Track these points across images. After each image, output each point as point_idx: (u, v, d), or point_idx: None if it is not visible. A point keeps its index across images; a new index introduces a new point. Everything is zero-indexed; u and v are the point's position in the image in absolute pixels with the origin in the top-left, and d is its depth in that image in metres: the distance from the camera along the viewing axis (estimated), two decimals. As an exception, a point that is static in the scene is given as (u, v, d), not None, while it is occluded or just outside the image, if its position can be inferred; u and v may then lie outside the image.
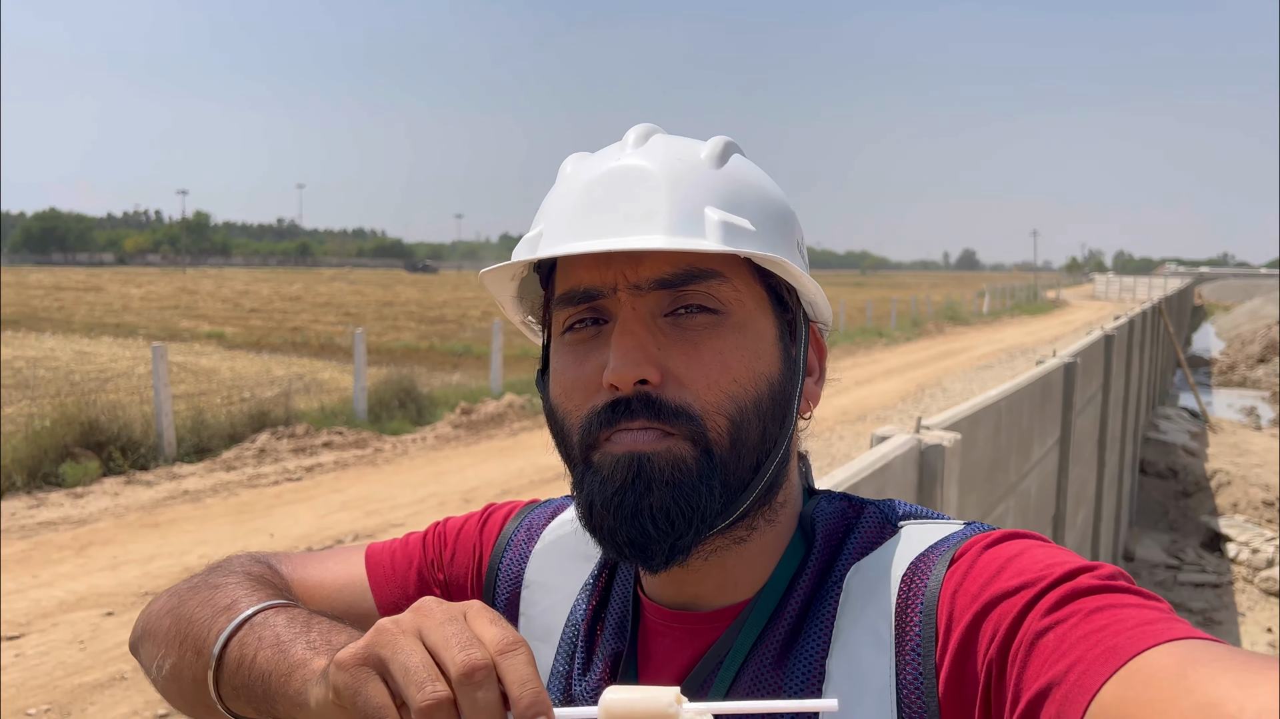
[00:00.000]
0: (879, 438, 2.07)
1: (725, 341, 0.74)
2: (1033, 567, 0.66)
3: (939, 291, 58.30)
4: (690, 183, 0.75)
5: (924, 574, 0.71)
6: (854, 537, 0.78)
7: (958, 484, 2.21)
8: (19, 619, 5.79)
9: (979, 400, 2.69)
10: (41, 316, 28.79)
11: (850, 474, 1.68)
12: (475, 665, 0.56)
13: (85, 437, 9.65)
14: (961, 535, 0.74)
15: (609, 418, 0.73)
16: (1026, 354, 24.65)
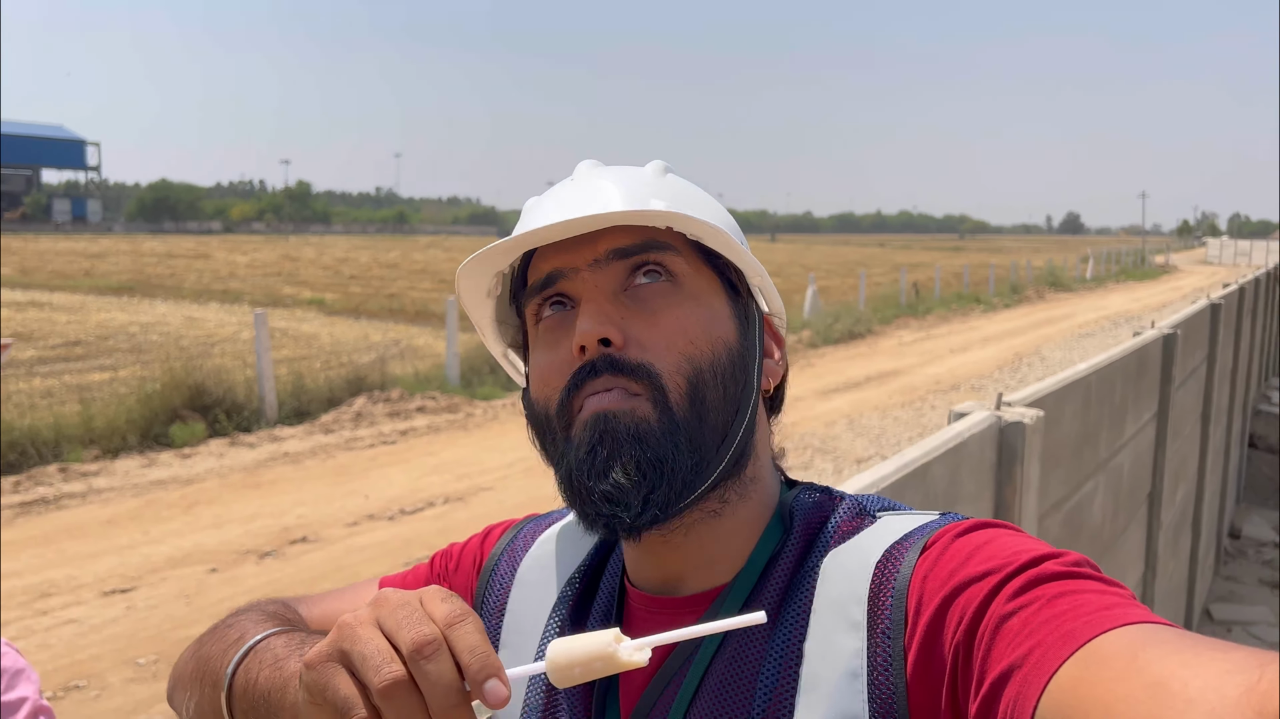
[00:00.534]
0: (957, 414, 2.03)
1: (681, 309, 0.80)
2: (1000, 553, 0.68)
3: (1040, 256, 56.50)
4: (641, 183, 0.84)
5: (897, 560, 0.74)
6: (831, 524, 0.81)
7: (1040, 462, 2.15)
8: (131, 573, 6.10)
9: (1066, 375, 2.60)
10: (154, 283, 30.02)
11: (922, 452, 1.65)
12: (424, 640, 0.58)
13: (193, 400, 10.07)
14: (934, 524, 0.76)
15: (577, 382, 0.77)
16: (1131, 322, 23.78)
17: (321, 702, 0.61)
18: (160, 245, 59.99)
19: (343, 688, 0.59)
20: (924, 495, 1.63)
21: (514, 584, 0.94)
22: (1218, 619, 6.66)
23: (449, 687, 0.57)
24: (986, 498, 1.99)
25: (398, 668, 0.58)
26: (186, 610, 5.53)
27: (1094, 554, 3.00)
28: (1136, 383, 3.50)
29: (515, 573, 0.94)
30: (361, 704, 0.59)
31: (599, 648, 0.62)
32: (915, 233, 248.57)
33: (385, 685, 0.57)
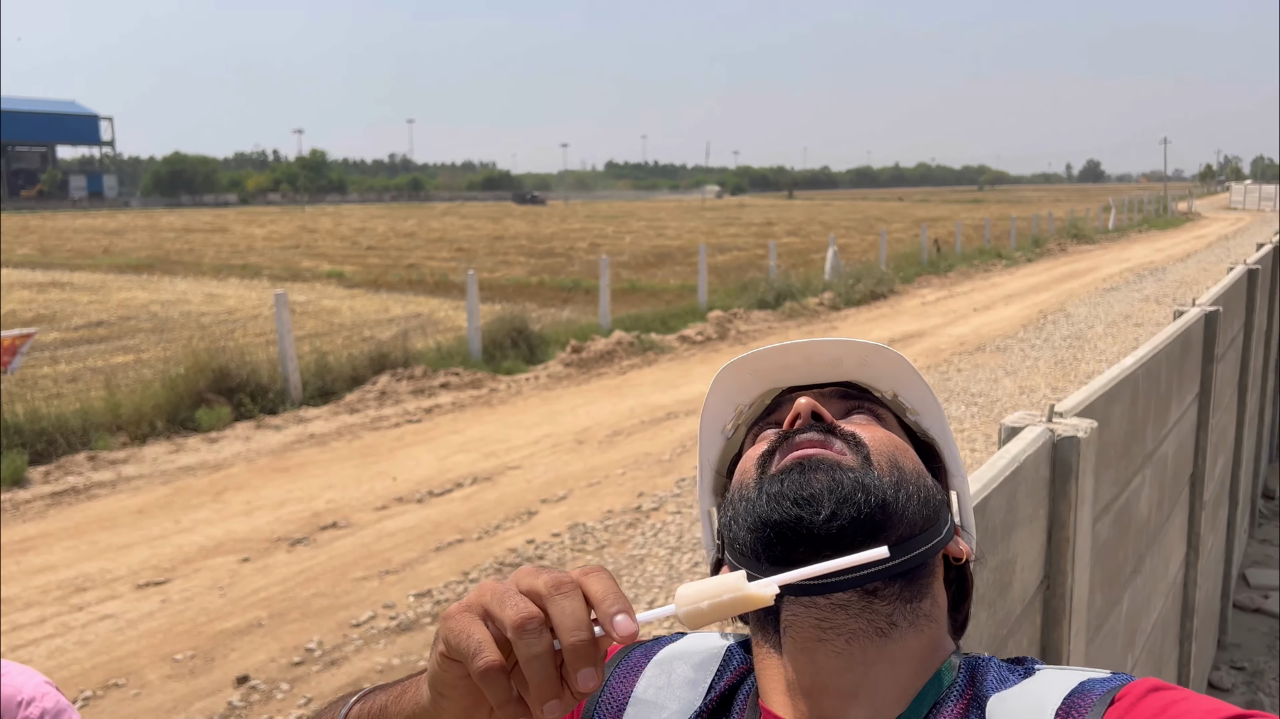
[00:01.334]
0: (1009, 430, 1.96)
1: (883, 425, 0.87)
2: (1194, 710, 0.67)
3: (1061, 206, 55.79)
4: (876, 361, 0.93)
5: (1080, 711, 0.72)
6: (990, 669, 0.80)
7: (1093, 473, 2.09)
8: (164, 564, 6.14)
9: (1114, 373, 2.52)
10: (174, 259, 30.13)
11: (980, 485, 1.59)
12: (561, 580, 0.63)
13: (217, 382, 10.10)
14: (1119, 681, 0.75)
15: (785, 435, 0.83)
16: (1155, 274, 23.49)
17: (455, 648, 0.63)
18: (177, 219, 60.15)
19: (477, 633, 0.63)
20: (984, 530, 1.57)
21: (630, 703, 0.89)
22: (1254, 585, 6.60)
23: (580, 619, 0.61)
24: (1041, 517, 1.93)
25: (533, 607, 0.62)
26: (221, 603, 5.56)
27: (1140, 548, 2.94)
28: (1180, 367, 3.42)
29: (630, 693, 0.89)
30: (494, 649, 0.62)
31: (729, 583, 0.64)
32: (934, 185, 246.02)
33: (520, 618, 0.61)
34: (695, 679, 0.88)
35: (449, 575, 5.88)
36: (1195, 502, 3.93)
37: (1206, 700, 0.69)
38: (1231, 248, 29.90)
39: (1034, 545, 1.89)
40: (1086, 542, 2.09)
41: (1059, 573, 1.97)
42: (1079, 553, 2.03)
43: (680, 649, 0.91)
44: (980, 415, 9.77)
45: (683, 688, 0.87)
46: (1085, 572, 2.09)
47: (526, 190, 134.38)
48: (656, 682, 0.89)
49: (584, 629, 0.60)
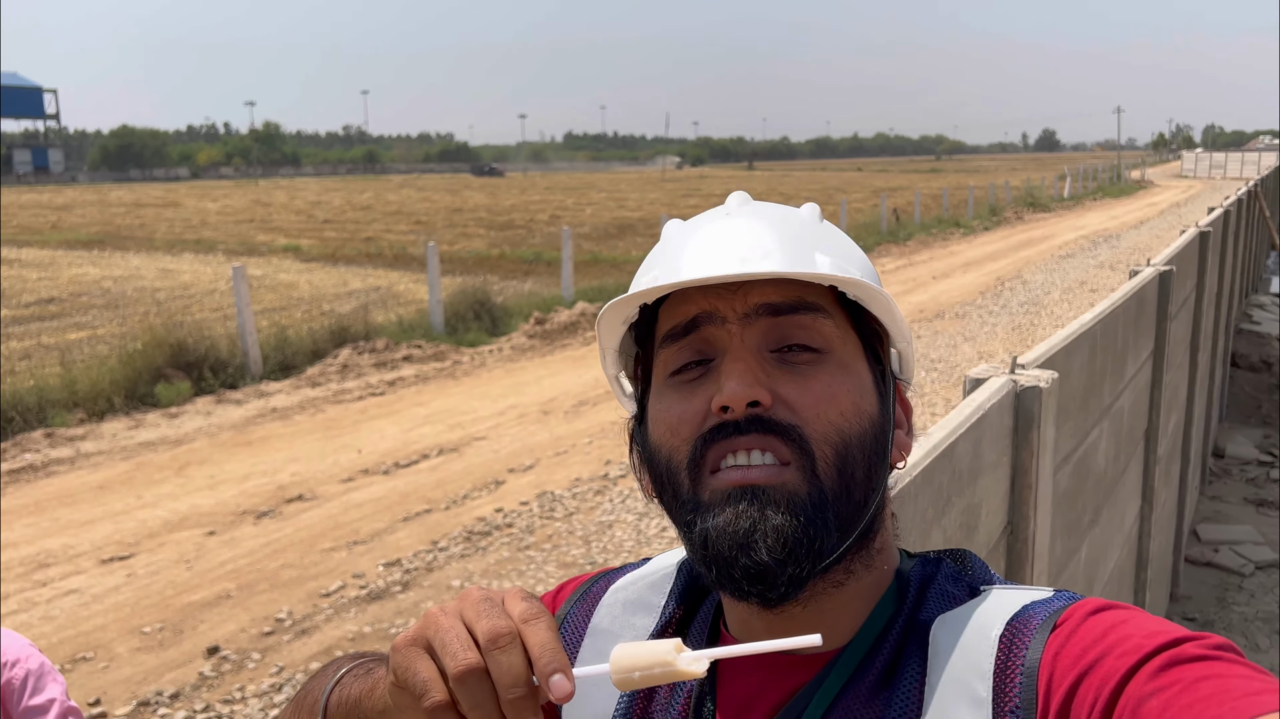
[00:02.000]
0: (973, 382, 2.01)
1: (832, 377, 0.76)
2: (1137, 633, 0.66)
3: (1017, 175, 56.39)
4: (798, 232, 0.80)
5: (1024, 636, 0.71)
6: (934, 590, 0.79)
7: (1054, 423, 2.16)
8: (128, 539, 6.09)
9: (1074, 328, 2.59)
10: (125, 235, 29.55)
11: (948, 431, 1.64)
12: (498, 632, 0.63)
13: (175, 357, 9.98)
14: (1059, 601, 0.74)
15: (714, 435, 0.74)
16: (1110, 241, 23.85)
17: (404, 683, 0.66)
18: (127, 194, 58.93)
19: (423, 671, 0.64)
20: (952, 474, 1.62)
21: (587, 634, 0.91)
22: (1204, 539, 6.79)
23: (517, 677, 0.62)
24: (1004, 464, 1.99)
25: (473, 656, 0.63)
26: (188, 576, 5.53)
27: (1098, 499, 3.03)
28: (1136, 324, 3.51)
29: (589, 623, 0.92)
30: (440, 688, 0.63)
31: (660, 655, 0.64)
32: (892, 155, 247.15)
33: (460, 671, 0.62)
34: (650, 603, 0.90)
35: (418, 545, 5.90)
36: (1150, 456, 4.04)
37: (1151, 622, 0.68)
38: (1184, 215, 30.40)
39: (998, 491, 1.95)
40: (1048, 489, 2.16)
41: (1022, 518, 2.04)
42: (1040, 499, 2.09)
43: (638, 574, 0.93)
44: (940, 380, 9.92)
45: (638, 613, 0.90)
46: (1046, 518, 2.16)
47: (484, 162, 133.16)
48: (613, 610, 0.91)
49: (521, 686, 0.62)
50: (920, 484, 1.47)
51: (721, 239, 0.78)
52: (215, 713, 4.22)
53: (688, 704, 0.82)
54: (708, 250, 0.78)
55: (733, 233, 0.79)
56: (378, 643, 4.75)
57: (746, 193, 0.86)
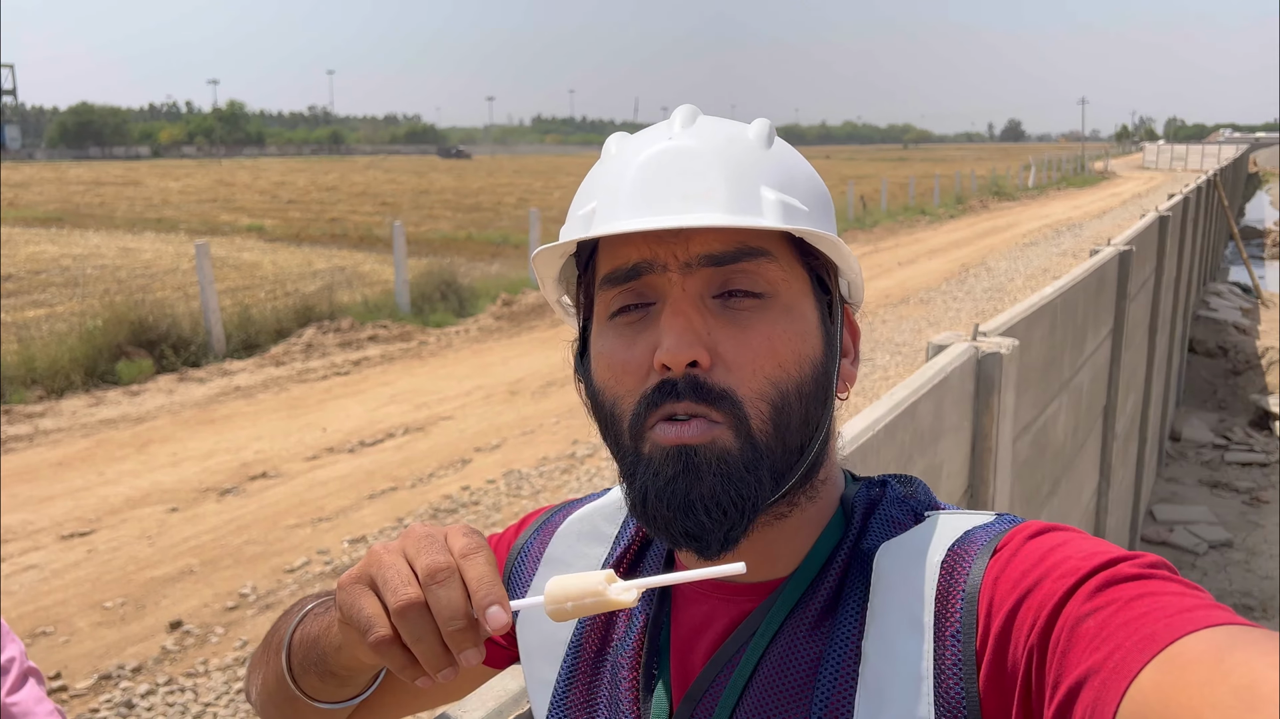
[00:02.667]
0: (935, 347, 2.05)
1: (773, 326, 0.75)
2: (1074, 555, 0.67)
3: (983, 165, 56.81)
4: (744, 162, 0.76)
5: (965, 562, 0.72)
6: (879, 516, 0.80)
7: (1014, 389, 2.20)
8: (89, 515, 6.02)
9: (1035, 300, 2.64)
10: (84, 213, 29.05)
11: (910, 391, 1.67)
12: (437, 566, 0.65)
13: (137, 335, 9.85)
14: (999, 525, 0.75)
15: (656, 399, 0.74)
16: (1073, 230, 24.13)
17: (349, 619, 0.68)
18: (87, 172, 57.90)
19: (367, 607, 0.67)
20: (914, 433, 1.65)
21: (541, 562, 0.93)
22: (1160, 519, 6.93)
23: (455, 610, 0.64)
24: (966, 428, 2.03)
25: (413, 590, 0.65)
26: (150, 551, 5.48)
27: (1056, 471, 3.08)
28: (1096, 301, 3.57)
29: (544, 552, 0.93)
30: (383, 623, 0.66)
31: (591, 586, 0.66)
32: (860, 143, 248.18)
33: (400, 605, 0.65)
34: (603, 533, 0.91)
35: (383, 522, 5.88)
36: (1108, 433, 4.12)
37: (1089, 543, 0.69)
38: (1145, 205, 30.80)
39: (959, 454, 1.99)
40: (1007, 456, 2.20)
41: (981, 482, 2.08)
42: (1000, 465, 2.13)
43: (595, 505, 0.95)
44: (904, 364, 10.01)
45: (591, 543, 0.91)
46: (1006, 484, 2.20)
47: (452, 144, 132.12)
48: (568, 540, 0.93)
49: (460, 618, 0.64)
50: (883, 439, 1.50)
51: (663, 173, 0.74)
52: (178, 686, 4.19)
53: (644, 630, 0.83)
54: (648, 189, 0.74)
55: (675, 164, 0.75)
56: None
57: (695, 106, 0.81)
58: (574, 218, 0.79)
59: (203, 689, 4.17)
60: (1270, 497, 7.45)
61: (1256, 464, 8.10)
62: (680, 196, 0.73)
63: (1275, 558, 6.37)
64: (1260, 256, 22.47)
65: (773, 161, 0.78)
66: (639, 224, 0.72)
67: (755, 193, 0.74)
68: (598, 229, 0.74)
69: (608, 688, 0.83)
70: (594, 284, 0.80)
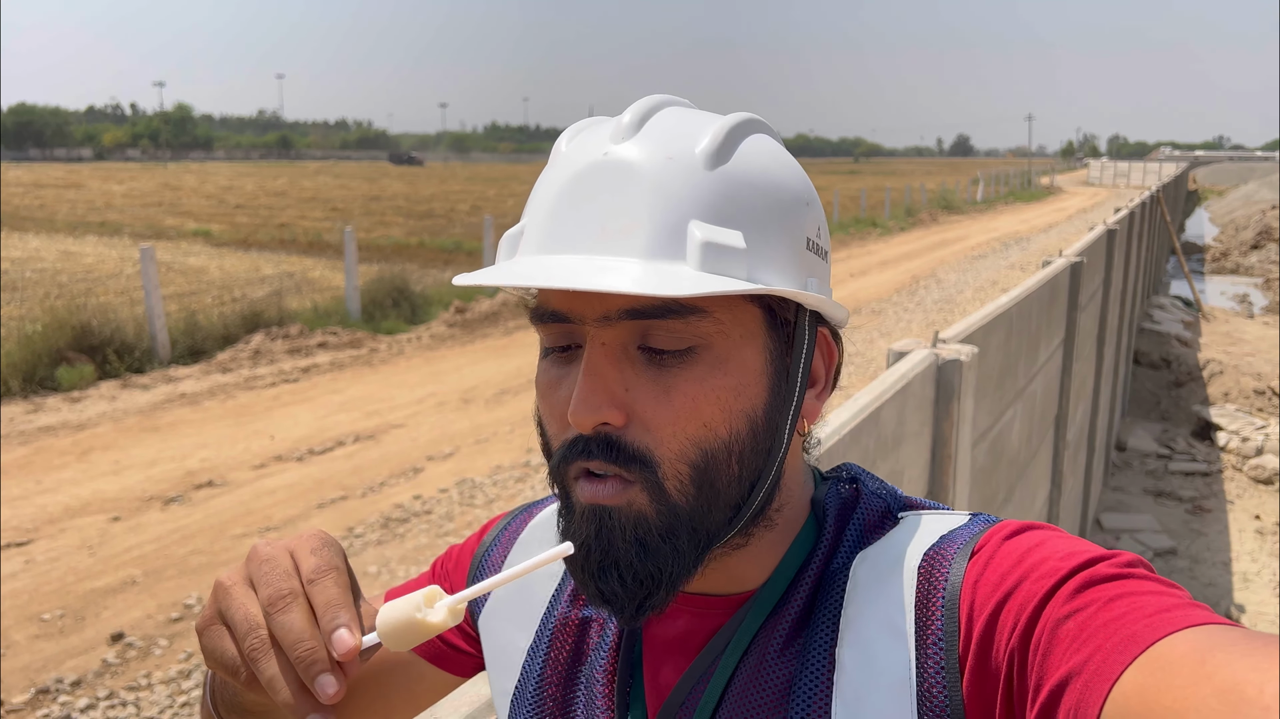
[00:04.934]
0: (896, 354, 2.05)
1: (699, 384, 0.69)
2: (1052, 555, 0.66)
3: (933, 179, 57.66)
4: (679, 187, 0.67)
5: (943, 566, 0.70)
6: (854, 523, 0.77)
7: (973, 396, 2.20)
8: (26, 525, 5.85)
9: (992, 308, 2.66)
10: (24, 215, 28.34)
11: (873, 396, 1.66)
12: (277, 594, 0.63)
13: (78, 340, 9.61)
14: (976, 527, 0.73)
15: (569, 454, 0.70)
16: (1020, 243, 24.56)
17: (215, 667, 0.66)
18: (26, 174, 56.56)
19: (228, 651, 0.65)
20: (877, 438, 1.65)
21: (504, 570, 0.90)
22: (1107, 528, 7.04)
23: (298, 635, 0.62)
24: (926, 434, 2.03)
25: (260, 635, 0.63)
26: (91, 562, 5.33)
27: (1011, 478, 3.11)
28: (1049, 311, 3.61)
29: (505, 559, 0.91)
30: (243, 666, 0.64)
31: (407, 614, 0.62)
32: (812, 156, 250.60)
33: (251, 653, 0.63)
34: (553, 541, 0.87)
35: (334, 531, 5.78)
36: (1059, 442, 4.17)
37: (1067, 542, 0.68)
38: (1090, 219, 31.43)
39: (920, 460, 1.99)
40: (966, 462, 2.21)
41: (941, 488, 2.08)
42: (959, 471, 2.14)
43: (553, 509, 0.91)
44: (857, 374, 10.09)
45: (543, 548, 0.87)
46: (965, 490, 2.21)
47: (404, 151, 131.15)
48: (527, 547, 0.90)
49: (305, 641, 0.61)
50: (848, 444, 1.49)
51: (589, 195, 0.68)
52: (119, 700, 4.07)
53: (617, 644, 0.80)
54: (567, 215, 0.68)
55: (603, 185, 0.68)
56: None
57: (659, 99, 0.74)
58: (507, 236, 0.73)
59: (145, 703, 4.06)
60: (1212, 505, 7.62)
61: (1199, 474, 8.27)
62: (598, 230, 0.67)
63: (1218, 565, 6.51)
64: (1200, 271, 23.04)
65: (717, 183, 0.68)
66: (544, 277, 0.65)
67: (682, 231, 0.66)
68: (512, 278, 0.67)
69: (583, 701, 0.81)
70: None
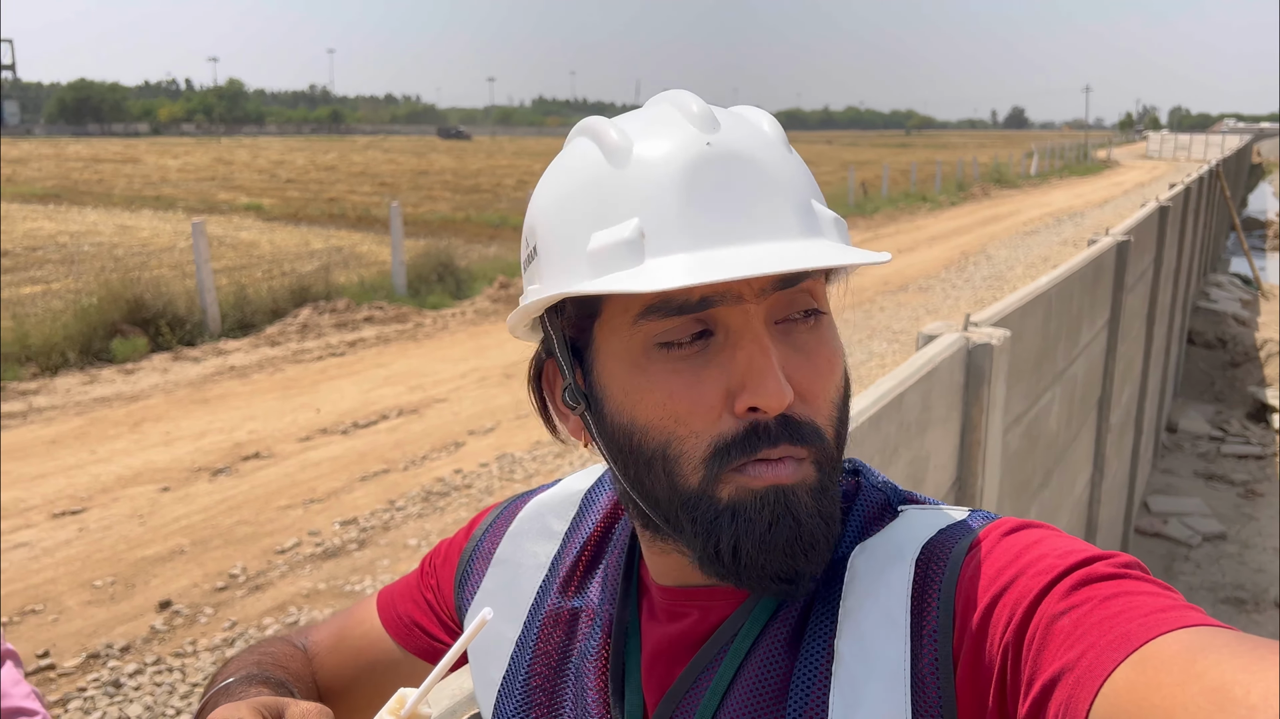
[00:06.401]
0: (925, 337, 2.02)
1: (828, 345, 0.72)
2: (1050, 553, 0.66)
3: (986, 152, 56.66)
4: (787, 170, 0.70)
5: (940, 560, 0.71)
6: (854, 515, 0.77)
7: (1005, 381, 2.17)
8: (80, 494, 6.01)
9: (1029, 290, 2.61)
10: (82, 190, 28.94)
11: (897, 381, 1.65)
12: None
13: (132, 313, 9.81)
14: (978, 524, 0.74)
15: (749, 445, 0.68)
16: (1074, 219, 24.08)
17: None
18: (85, 149, 57.68)
19: None
20: (899, 424, 1.63)
21: (492, 563, 0.90)
22: (1154, 511, 6.92)
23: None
24: (955, 419, 2.00)
25: None
26: (141, 530, 5.47)
27: (1049, 463, 3.06)
28: (1092, 291, 3.54)
29: (495, 551, 0.91)
30: None
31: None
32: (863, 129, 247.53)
33: None
34: (552, 529, 0.88)
35: (375, 504, 5.87)
36: (1102, 424, 4.09)
37: (1065, 541, 0.68)
38: (1147, 194, 30.71)
39: (947, 446, 1.97)
40: (997, 447, 2.18)
41: (970, 474, 2.05)
42: (989, 457, 2.11)
43: (546, 498, 0.92)
44: (901, 352, 9.99)
45: (541, 539, 0.88)
46: (995, 476, 2.18)
47: (451, 125, 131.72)
48: (518, 538, 0.90)
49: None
50: (867, 430, 1.48)
51: (718, 187, 0.67)
52: (166, 666, 4.18)
53: (608, 633, 0.81)
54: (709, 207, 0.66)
55: (728, 175, 0.68)
56: (332, 600, 4.73)
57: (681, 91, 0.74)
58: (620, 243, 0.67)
59: (190, 669, 4.16)
60: (1265, 489, 7.45)
61: (1252, 456, 8.09)
62: (745, 219, 0.66)
63: (1269, 551, 6.37)
64: (1261, 248, 22.43)
65: (799, 165, 0.73)
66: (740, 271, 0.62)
67: (809, 207, 0.70)
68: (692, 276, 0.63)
69: (573, 691, 0.81)
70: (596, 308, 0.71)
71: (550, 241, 0.72)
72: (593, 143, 0.72)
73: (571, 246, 0.70)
